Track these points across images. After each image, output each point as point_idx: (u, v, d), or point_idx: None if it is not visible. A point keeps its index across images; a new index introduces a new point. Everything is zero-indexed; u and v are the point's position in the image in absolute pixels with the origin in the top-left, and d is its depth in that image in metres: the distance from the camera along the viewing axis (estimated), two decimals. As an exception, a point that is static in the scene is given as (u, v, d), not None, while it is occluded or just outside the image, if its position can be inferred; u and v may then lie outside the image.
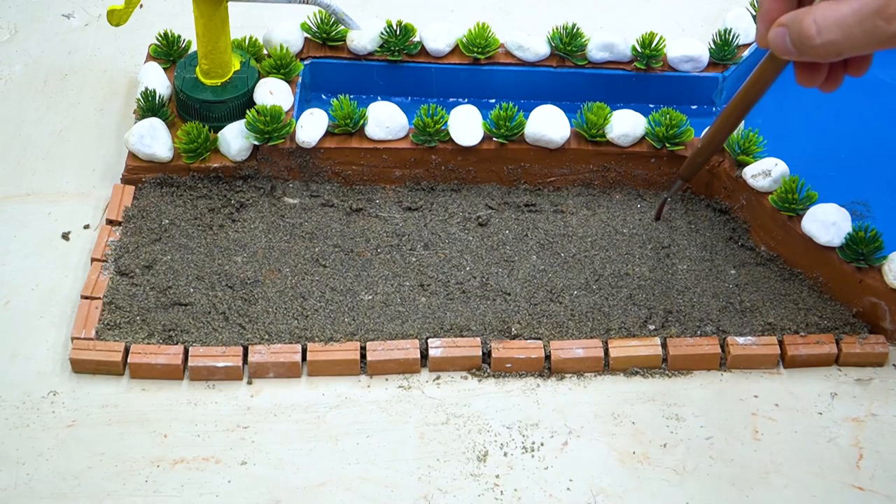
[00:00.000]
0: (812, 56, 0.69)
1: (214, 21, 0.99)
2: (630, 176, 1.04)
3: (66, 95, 1.13)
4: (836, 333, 0.93)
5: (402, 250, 0.99)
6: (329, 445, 0.86)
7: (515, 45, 1.09)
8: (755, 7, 1.13)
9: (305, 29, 1.10)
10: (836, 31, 0.67)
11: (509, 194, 1.03)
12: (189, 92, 1.03)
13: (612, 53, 1.09)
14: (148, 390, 0.89)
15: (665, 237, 1.00)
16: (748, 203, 0.99)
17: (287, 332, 0.92)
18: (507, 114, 1.01)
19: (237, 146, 1.00)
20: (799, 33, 0.69)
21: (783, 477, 0.86)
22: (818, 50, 0.68)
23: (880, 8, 0.65)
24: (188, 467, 0.84)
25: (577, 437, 0.87)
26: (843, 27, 0.66)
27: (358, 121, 1.01)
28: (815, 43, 0.68)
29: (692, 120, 1.04)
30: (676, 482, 0.85)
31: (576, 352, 0.91)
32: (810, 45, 0.68)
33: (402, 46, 1.09)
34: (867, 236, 0.92)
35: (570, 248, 0.99)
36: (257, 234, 0.99)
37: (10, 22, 1.21)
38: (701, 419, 0.89)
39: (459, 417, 0.88)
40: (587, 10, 1.25)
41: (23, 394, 0.89)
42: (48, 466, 0.84)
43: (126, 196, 1.01)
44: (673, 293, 0.96)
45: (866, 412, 0.90)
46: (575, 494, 0.84)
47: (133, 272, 0.95)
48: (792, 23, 0.69)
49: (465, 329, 0.92)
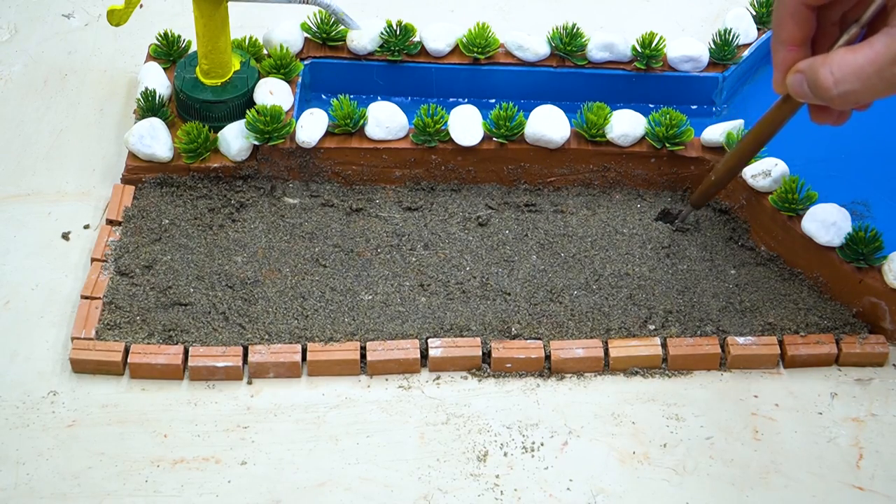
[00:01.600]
0: (829, 104, 0.70)
1: (214, 21, 0.99)
2: (630, 176, 1.04)
3: (66, 95, 1.13)
4: (836, 333, 0.93)
5: (402, 250, 0.99)
6: (329, 445, 0.86)
7: (515, 45, 1.09)
8: (755, 7, 1.13)
9: (305, 29, 1.10)
10: (854, 82, 0.67)
11: (509, 194, 1.03)
12: (189, 92, 1.03)
13: (612, 53, 1.09)
14: (148, 390, 0.89)
15: (665, 237, 1.00)
16: (748, 203, 0.99)
17: (287, 332, 0.92)
18: (507, 114, 1.01)
19: (237, 146, 1.00)
20: (815, 84, 0.69)
21: (783, 477, 0.86)
22: (835, 100, 0.69)
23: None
24: (188, 467, 0.84)
25: (577, 437, 0.87)
26: (861, 77, 0.67)
27: (358, 121, 1.01)
28: (832, 94, 0.69)
29: (692, 120, 1.04)
30: (676, 482, 0.85)
31: (576, 352, 0.91)
32: (828, 96, 0.69)
33: (402, 46, 1.09)
34: (867, 236, 0.92)
35: (570, 248, 0.99)
36: (257, 234, 0.99)
37: (10, 22, 1.21)
38: (701, 419, 0.89)
39: (459, 417, 0.88)
40: (587, 10, 1.25)
41: (23, 394, 0.89)
42: (48, 466, 0.84)
43: (126, 196, 1.01)
44: (673, 293, 0.96)
45: (866, 412, 0.90)
46: (575, 494, 0.84)
47: (133, 272, 0.95)
48: (809, 70, 0.70)
49: (465, 329, 0.92)
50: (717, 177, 0.93)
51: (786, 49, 0.74)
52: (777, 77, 0.75)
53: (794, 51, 0.73)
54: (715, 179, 0.93)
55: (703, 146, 1.02)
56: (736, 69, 1.10)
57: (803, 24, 0.73)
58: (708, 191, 0.95)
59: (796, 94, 0.72)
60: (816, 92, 0.70)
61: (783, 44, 0.74)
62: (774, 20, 0.74)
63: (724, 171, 0.92)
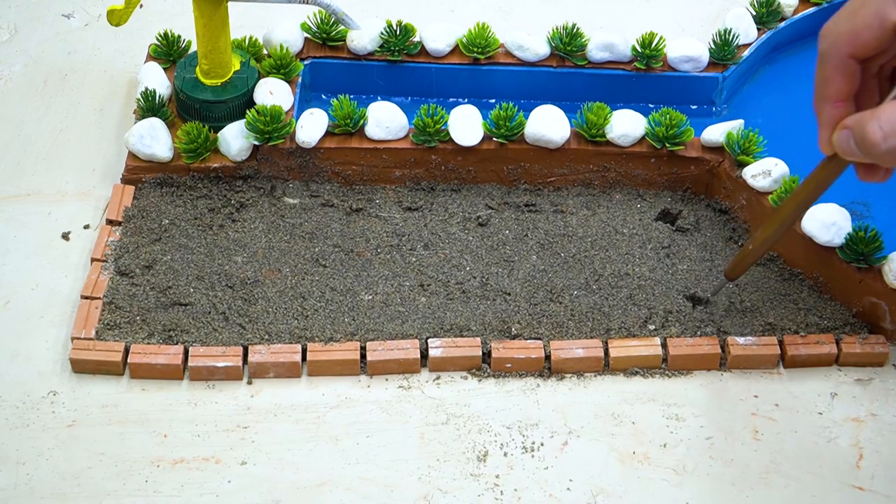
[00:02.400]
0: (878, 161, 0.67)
1: (214, 21, 0.99)
2: (630, 176, 1.04)
3: (66, 95, 1.13)
4: (836, 333, 0.93)
5: (402, 250, 0.99)
6: (329, 445, 0.86)
7: (515, 45, 1.09)
8: (755, 7, 1.13)
9: (305, 29, 1.10)
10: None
11: (509, 194, 1.03)
12: (189, 92, 1.03)
13: (612, 53, 1.09)
14: (148, 390, 0.89)
15: (665, 237, 1.00)
16: (748, 203, 0.99)
17: (287, 332, 0.92)
18: (507, 114, 1.01)
19: (237, 146, 1.00)
20: (863, 139, 0.66)
21: (783, 477, 0.86)
22: (884, 156, 0.66)
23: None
24: (188, 467, 0.84)
25: (577, 437, 0.87)
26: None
27: (358, 121, 1.01)
28: (881, 150, 0.66)
29: (692, 120, 1.04)
30: (676, 482, 0.85)
31: (576, 352, 0.91)
32: (876, 152, 0.66)
33: (402, 46, 1.09)
34: (867, 236, 0.92)
35: (570, 248, 0.99)
36: (257, 234, 0.99)
37: (10, 22, 1.21)
38: (701, 419, 0.89)
39: (459, 417, 0.88)
40: (587, 10, 1.25)
41: (23, 394, 0.89)
42: (48, 466, 0.84)
43: (126, 196, 1.01)
44: (673, 293, 0.96)
45: (866, 412, 0.90)
46: (575, 494, 0.84)
47: (133, 272, 0.95)
48: (856, 126, 0.67)
49: (465, 329, 0.92)
50: (755, 245, 0.88)
51: (832, 105, 0.70)
52: (823, 136, 0.71)
53: (840, 107, 0.70)
54: (754, 248, 0.88)
55: (703, 146, 1.02)
56: (736, 69, 1.10)
57: (850, 77, 0.69)
58: (745, 260, 0.90)
59: (843, 152, 0.69)
60: (864, 148, 0.67)
61: (828, 100, 0.70)
62: (819, 75, 0.70)
63: (764, 239, 0.87)
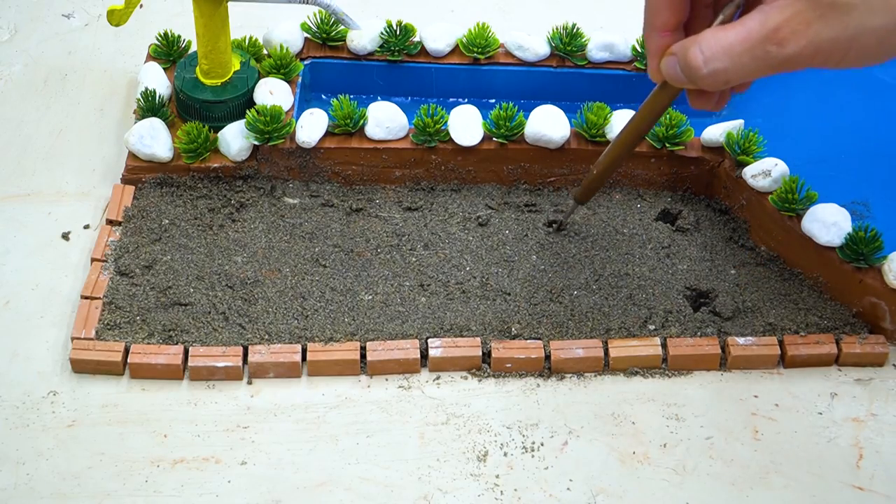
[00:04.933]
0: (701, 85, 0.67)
1: (214, 21, 0.99)
2: (630, 176, 1.04)
3: (66, 95, 1.13)
4: (836, 333, 0.93)
5: (402, 250, 0.99)
6: (329, 445, 0.86)
7: (515, 45, 1.09)
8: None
9: (305, 29, 1.10)
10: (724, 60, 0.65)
11: (509, 194, 1.03)
12: (189, 92, 1.03)
13: (612, 53, 1.09)
14: (148, 390, 0.89)
15: (665, 237, 1.00)
16: (748, 203, 0.99)
17: (287, 332, 0.92)
18: (507, 114, 1.01)
19: (237, 146, 1.00)
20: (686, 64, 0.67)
21: (783, 477, 0.86)
22: (705, 80, 0.66)
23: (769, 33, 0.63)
24: (188, 467, 0.84)
25: (577, 437, 0.87)
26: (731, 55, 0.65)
27: (358, 121, 1.01)
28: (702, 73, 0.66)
29: (692, 120, 1.04)
30: (676, 482, 0.85)
31: (576, 352, 0.91)
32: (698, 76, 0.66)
33: (402, 46, 1.09)
34: (867, 236, 0.92)
35: (570, 248, 0.99)
36: (257, 234, 0.99)
37: (10, 22, 1.21)
38: (701, 419, 0.89)
39: (459, 417, 0.88)
40: (587, 10, 1.25)
41: (23, 394, 0.89)
42: (48, 466, 0.84)
43: (126, 196, 1.01)
44: (673, 293, 0.96)
45: (866, 412, 0.90)
46: (575, 494, 0.84)
47: (133, 272, 0.95)
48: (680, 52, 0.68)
49: (465, 329, 0.92)
50: (600, 170, 0.92)
51: (659, 35, 0.72)
52: (652, 64, 0.73)
53: (667, 36, 0.71)
54: (597, 173, 0.92)
55: (703, 146, 1.02)
56: (736, 69, 1.10)
57: (677, 8, 0.71)
58: (591, 185, 0.94)
59: (670, 78, 0.70)
60: (687, 72, 0.67)
61: (656, 30, 0.72)
62: (647, 7, 0.72)
63: (606, 164, 0.91)
